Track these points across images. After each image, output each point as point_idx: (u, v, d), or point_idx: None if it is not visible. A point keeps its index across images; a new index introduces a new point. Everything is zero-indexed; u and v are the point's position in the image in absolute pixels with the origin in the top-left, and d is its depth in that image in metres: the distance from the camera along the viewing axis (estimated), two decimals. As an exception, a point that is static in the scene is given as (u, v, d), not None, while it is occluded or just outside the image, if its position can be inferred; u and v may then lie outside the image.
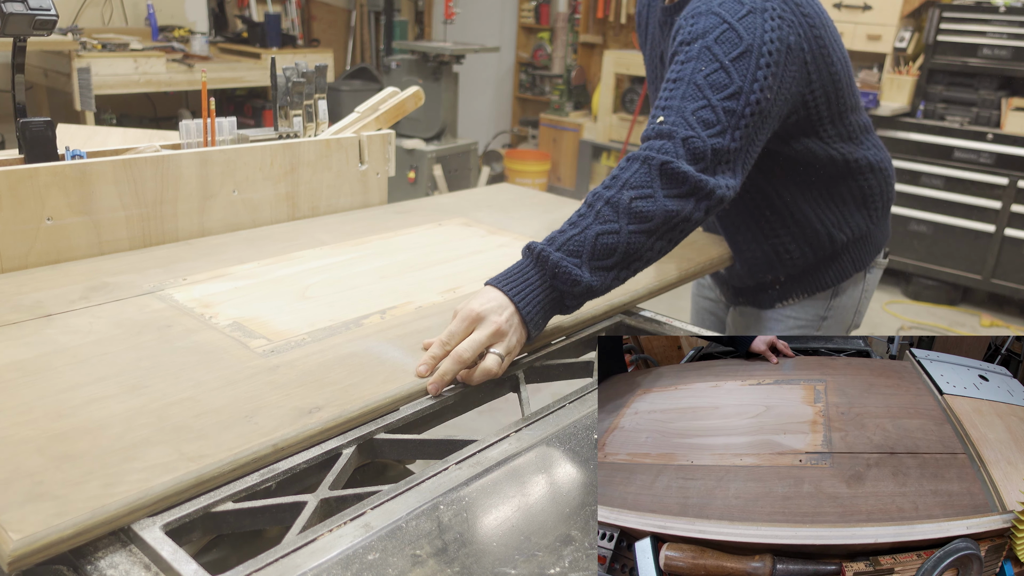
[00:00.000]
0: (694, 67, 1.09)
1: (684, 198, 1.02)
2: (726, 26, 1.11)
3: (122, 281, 1.14)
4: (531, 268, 0.98)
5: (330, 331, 1.02)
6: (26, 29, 1.16)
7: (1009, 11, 3.89)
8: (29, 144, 1.21)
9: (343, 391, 0.87)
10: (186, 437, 0.76)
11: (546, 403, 0.92)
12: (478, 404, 0.98)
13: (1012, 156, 3.88)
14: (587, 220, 1.00)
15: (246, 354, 0.94)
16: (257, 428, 0.78)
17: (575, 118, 5.75)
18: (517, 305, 0.96)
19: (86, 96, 3.68)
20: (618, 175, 1.03)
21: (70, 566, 0.65)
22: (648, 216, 1.00)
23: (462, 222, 1.54)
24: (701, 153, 1.04)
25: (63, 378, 0.86)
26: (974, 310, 4.22)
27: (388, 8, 5.09)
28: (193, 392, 0.85)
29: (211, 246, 1.32)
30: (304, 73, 1.50)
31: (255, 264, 1.24)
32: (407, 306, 1.12)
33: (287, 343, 0.98)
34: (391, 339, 1.01)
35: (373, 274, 1.23)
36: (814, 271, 1.44)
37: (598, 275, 0.98)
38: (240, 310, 1.07)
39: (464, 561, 0.65)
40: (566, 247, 0.98)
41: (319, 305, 1.10)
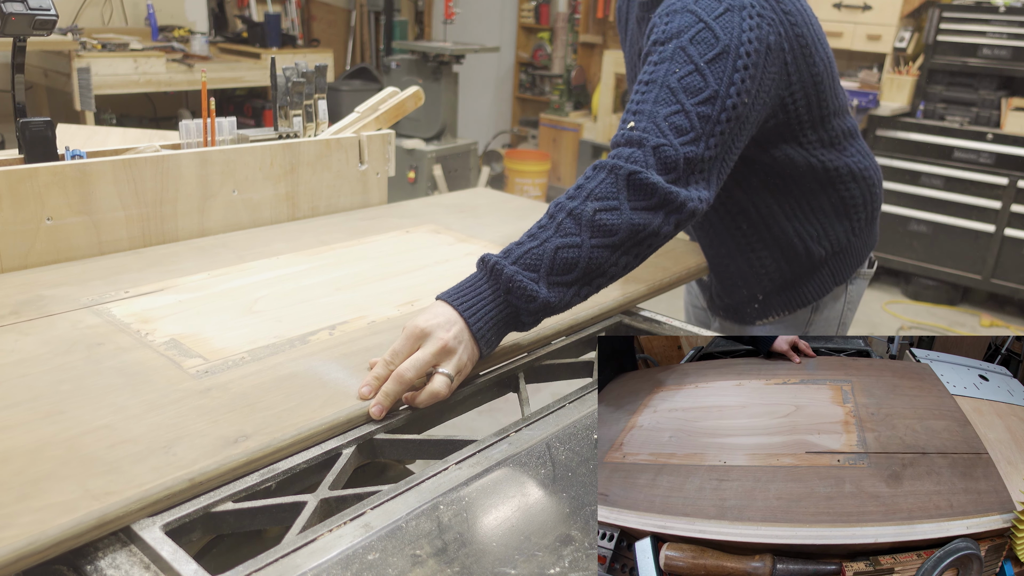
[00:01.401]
0: (667, 69, 1.03)
1: (652, 211, 0.96)
2: (702, 25, 1.04)
3: (59, 294, 1.08)
4: (484, 282, 0.93)
5: (273, 349, 0.96)
6: (26, 29, 1.16)
7: (1009, 11, 3.89)
8: (29, 144, 1.21)
9: (276, 417, 0.81)
10: (95, 471, 0.70)
11: (546, 403, 0.92)
12: (478, 404, 0.98)
13: (1012, 156, 3.88)
14: (547, 232, 0.94)
15: (177, 375, 0.88)
16: (174, 460, 0.73)
17: (575, 118, 5.75)
18: (467, 321, 0.90)
19: (86, 96, 3.68)
20: (583, 185, 0.97)
21: (70, 566, 0.65)
22: (612, 230, 0.94)
23: (431, 229, 1.48)
24: (673, 162, 0.98)
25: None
26: (974, 310, 4.22)
27: (388, 8, 5.09)
28: (112, 419, 0.79)
29: (160, 256, 1.26)
30: (304, 73, 1.50)
31: (205, 275, 1.18)
32: (359, 321, 1.06)
33: (224, 363, 0.92)
34: (337, 357, 0.95)
35: (328, 286, 1.17)
36: (792, 287, 1.37)
37: (556, 291, 0.92)
38: (180, 326, 1.01)
39: (464, 561, 0.65)
40: (523, 260, 0.92)
41: (265, 320, 1.04)
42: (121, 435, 0.76)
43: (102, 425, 0.78)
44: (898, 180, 4.20)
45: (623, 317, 1.20)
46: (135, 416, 0.80)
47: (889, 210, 4.23)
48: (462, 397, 0.94)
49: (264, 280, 1.18)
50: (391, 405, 0.86)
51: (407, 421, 0.88)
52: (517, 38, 6.29)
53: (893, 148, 4.20)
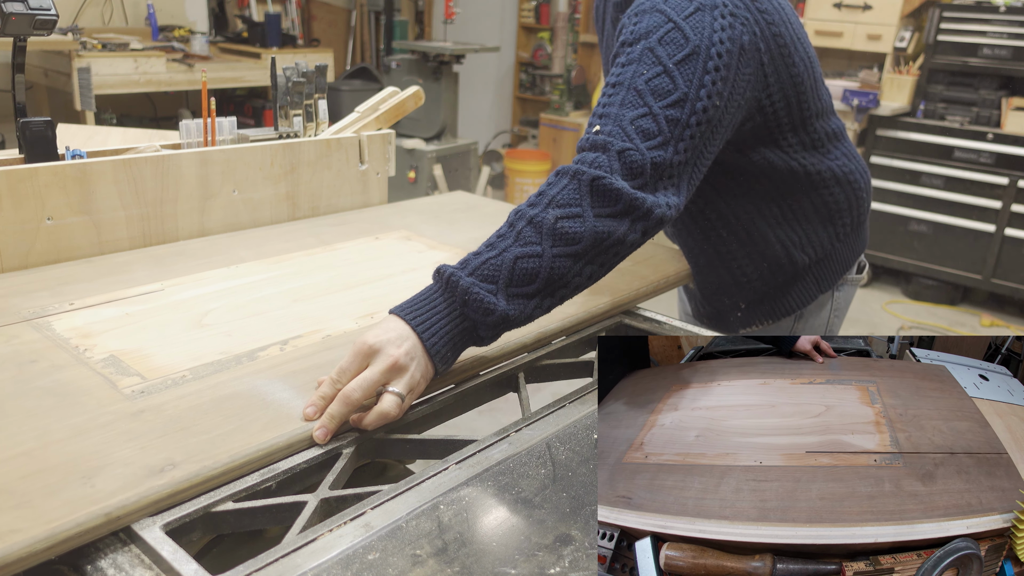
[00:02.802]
0: (635, 70, 0.99)
1: (617, 218, 0.91)
2: (671, 25, 1.01)
3: (1, 306, 1.03)
4: (439, 295, 0.88)
5: (217, 366, 0.91)
6: (26, 29, 1.17)
7: (1009, 11, 3.89)
8: (29, 144, 1.21)
9: (209, 443, 0.76)
10: (3, 505, 0.65)
11: (546, 403, 0.92)
12: (478, 404, 0.98)
13: (1012, 156, 3.88)
14: (506, 242, 0.89)
15: (111, 396, 0.83)
16: (92, 493, 0.67)
17: (575, 118, 5.75)
18: (420, 336, 0.85)
19: (86, 96, 3.68)
20: (545, 191, 0.93)
21: (70, 566, 0.65)
22: (575, 238, 0.89)
23: (402, 235, 1.42)
24: (639, 167, 0.94)
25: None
26: (974, 310, 4.22)
27: (388, 8, 5.09)
28: (33, 445, 0.73)
29: (114, 265, 1.20)
30: (304, 73, 1.50)
31: (159, 284, 1.13)
32: (313, 335, 1.00)
33: (163, 382, 0.87)
34: (285, 375, 0.90)
35: (285, 297, 1.11)
36: (775, 296, 1.33)
37: (516, 303, 0.88)
38: (122, 341, 0.95)
39: (464, 561, 0.65)
40: (480, 271, 0.87)
41: (214, 335, 0.99)
42: (40, 463, 0.71)
43: (21, 452, 0.72)
44: (898, 180, 4.20)
45: (623, 317, 1.20)
46: (57, 442, 0.74)
47: (889, 210, 4.23)
48: (462, 397, 0.94)
49: (218, 291, 1.12)
50: (336, 428, 0.81)
51: (407, 421, 0.87)
52: (517, 38, 6.29)
53: (893, 148, 4.20)
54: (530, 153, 5.66)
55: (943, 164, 4.07)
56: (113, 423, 0.78)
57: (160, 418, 0.80)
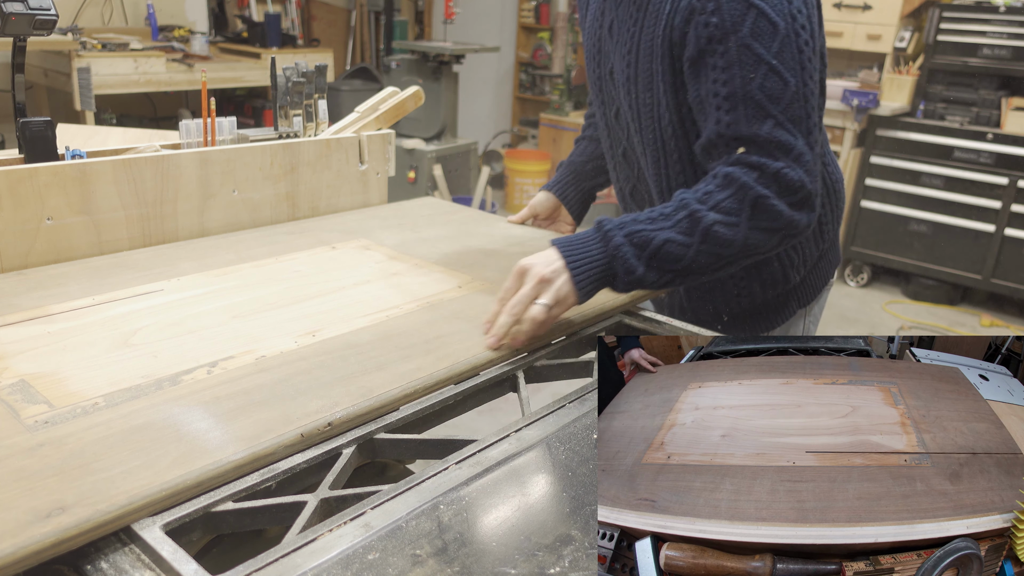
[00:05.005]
0: (742, 76, 1.01)
1: (772, 232, 1.01)
2: (754, 12, 1.00)
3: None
4: (595, 242, 1.00)
5: (135, 392, 0.83)
6: (26, 29, 1.17)
7: (1009, 11, 3.89)
8: (29, 144, 1.21)
9: (108, 482, 0.68)
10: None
11: (546, 403, 0.92)
12: (478, 404, 0.98)
13: (1012, 156, 3.88)
14: (664, 223, 0.99)
15: (9, 428, 0.76)
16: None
17: (575, 118, 5.74)
18: (570, 268, 0.98)
19: (86, 96, 3.68)
20: (712, 192, 1.01)
21: (70, 566, 0.65)
22: (727, 242, 0.99)
23: (361, 245, 1.34)
24: (797, 185, 1.01)
25: None
26: (974, 310, 4.22)
27: (388, 8, 5.09)
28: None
29: (47, 277, 1.13)
30: (304, 73, 1.50)
31: (90, 299, 1.05)
32: (246, 356, 0.93)
33: (71, 411, 0.79)
34: (207, 402, 0.82)
35: (223, 313, 1.04)
36: (760, 312, 1.32)
37: (654, 273, 0.99)
38: (37, 363, 0.88)
39: (464, 561, 0.65)
40: (633, 237, 0.98)
41: (140, 355, 0.91)
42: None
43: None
44: (898, 180, 4.21)
45: (623, 317, 1.20)
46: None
47: (889, 210, 4.24)
48: (462, 397, 0.94)
49: (152, 307, 1.05)
50: (504, 335, 0.97)
51: (407, 421, 0.88)
52: (517, 38, 6.29)
53: (893, 148, 4.20)
54: (530, 153, 5.65)
55: (943, 164, 4.07)
56: (6, 460, 0.71)
57: (59, 454, 0.72)
